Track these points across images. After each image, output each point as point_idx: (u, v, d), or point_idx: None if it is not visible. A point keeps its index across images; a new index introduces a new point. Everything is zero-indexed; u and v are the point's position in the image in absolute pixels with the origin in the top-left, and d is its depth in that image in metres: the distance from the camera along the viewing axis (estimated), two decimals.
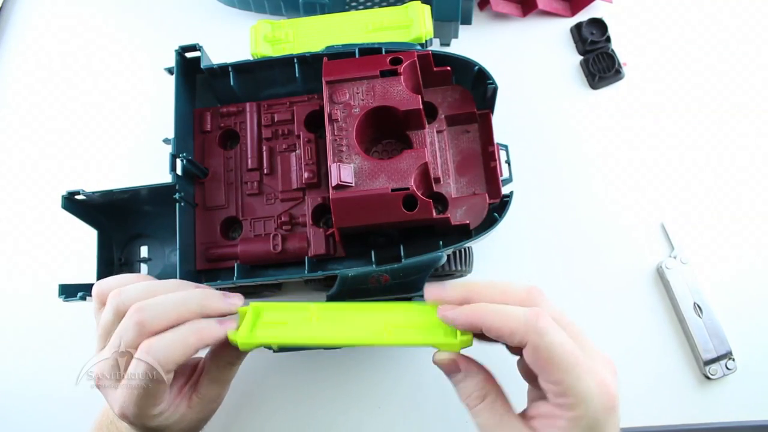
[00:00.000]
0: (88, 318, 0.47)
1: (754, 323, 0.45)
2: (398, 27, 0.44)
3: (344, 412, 0.45)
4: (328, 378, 0.46)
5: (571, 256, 0.47)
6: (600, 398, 0.29)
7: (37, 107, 0.56)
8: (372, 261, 0.39)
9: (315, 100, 0.44)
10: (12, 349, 0.49)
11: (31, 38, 0.58)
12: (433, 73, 0.42)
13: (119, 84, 0.55)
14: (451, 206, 0.41)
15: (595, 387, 0.29)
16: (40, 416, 0.48)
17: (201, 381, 0.37)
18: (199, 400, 0.37)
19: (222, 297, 0.35)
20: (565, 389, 0.29)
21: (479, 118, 0.43)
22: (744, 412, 0.44)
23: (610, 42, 0.52)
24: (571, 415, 0.29)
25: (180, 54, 0.43)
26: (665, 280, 0.46)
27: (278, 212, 0.42)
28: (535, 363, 0.30)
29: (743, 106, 0.51)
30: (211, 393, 0.37)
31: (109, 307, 0.34)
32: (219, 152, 0.44)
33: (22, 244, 0.52)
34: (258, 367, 0.46)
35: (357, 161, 0.38)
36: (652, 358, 0.45)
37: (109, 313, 0.34)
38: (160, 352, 0.32)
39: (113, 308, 0.34)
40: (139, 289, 0.34)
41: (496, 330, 0.30)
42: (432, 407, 0.45)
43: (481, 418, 0.32)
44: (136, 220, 0.44)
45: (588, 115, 0.51)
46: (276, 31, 0.45)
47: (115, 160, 0.53)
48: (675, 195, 0.48)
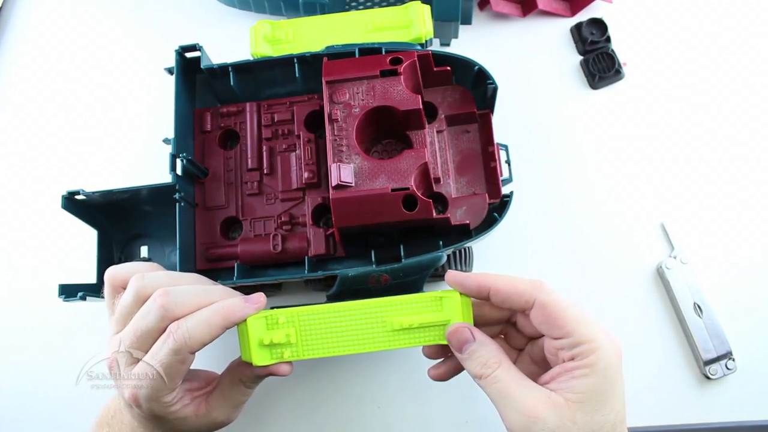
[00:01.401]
0: (88, 318, 0.48)
1: (754, 323, 0.45)
2: (398, 27, 0.44)
3: (344, 412, 0.45)
4: (328, 378, 0.46)
5: (571, 256, 0.47)
6: (610, 346, 0.31)
7: (37, 107, 0.56)
8: (372, 261, 0.39)
9: (315, 100, 0.44)
10: (12, 349, 0.49)
11: (31, 38, 0.58)
12: (433, 73, 0.42)
13: (119, 84, 0.55)
14: (451, 206, 0.41)
15: (603, 334, 0.31)
16: (40, 416, 0.48)
17: (213, 394, 0.37)
18: (206, 413, 0.36)
19: (244, 301, 0.35)
20: (579, 338, 0.30)
21: (479, 118, 0.43)
22: (744, 412, 0.44)
23: (610, 42, 0.52)
24: (588, 362, 0.30)
25: (180, 54, 0.43)
26: (665, 280, 0.46)
27: (278, 212, 0.42)
28: (545, 320, 0.31)
29: (743, 106, 0.51)
30: (219, 408, 0.37)
31: (131, 290, 0.34)
32: (219, 152, 0.44)
33: (22, 244, 0.52)
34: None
35: (357, 161, 0.38)
36: (652, 358, 0.45)
37: (129, 296, 0.34)
38: (188, 331, 0.32)
39: (135, 292, 0.34)
40: (162, 276, 0.35)
41: (504, 292, 0.32)
42: (432, 407, 0.45)
43: (499, 384, 0.32)
44: (136, 220, 0.44)
45: (588, 115, 0.51)
46: (276, 31, 0.45)
47: (115, 160, 0.53)
48: (675, 195, 0.48)
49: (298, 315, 0.35)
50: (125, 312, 0.34)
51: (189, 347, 0.32)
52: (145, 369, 0.33)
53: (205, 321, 0.33)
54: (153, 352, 0.33)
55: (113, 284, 0.36)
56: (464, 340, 0.33)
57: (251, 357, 0.35)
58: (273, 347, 0.35)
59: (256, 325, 0.35)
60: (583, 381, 0.30)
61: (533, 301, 0.32)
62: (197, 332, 0.33)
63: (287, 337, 0.35)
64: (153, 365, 0.32)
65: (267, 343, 0.35)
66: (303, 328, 0.35)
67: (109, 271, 0.36)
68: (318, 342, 0.35)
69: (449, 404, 0.45)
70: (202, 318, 0.33)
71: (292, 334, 0.35)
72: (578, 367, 0.30)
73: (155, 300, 0.33)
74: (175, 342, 0.32)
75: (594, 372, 0.30)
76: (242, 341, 0.36)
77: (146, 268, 0.36)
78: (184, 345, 0.32)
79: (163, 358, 0.32)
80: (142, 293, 0.34)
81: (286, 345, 0.35)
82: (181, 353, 0.32)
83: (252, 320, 0.35)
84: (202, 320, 0.33)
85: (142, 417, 0.35)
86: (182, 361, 0.33)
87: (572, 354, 0.31)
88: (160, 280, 0.34)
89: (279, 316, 0.35)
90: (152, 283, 0.34)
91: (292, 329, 0.35)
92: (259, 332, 0.35)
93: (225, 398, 0.37)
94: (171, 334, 0.32)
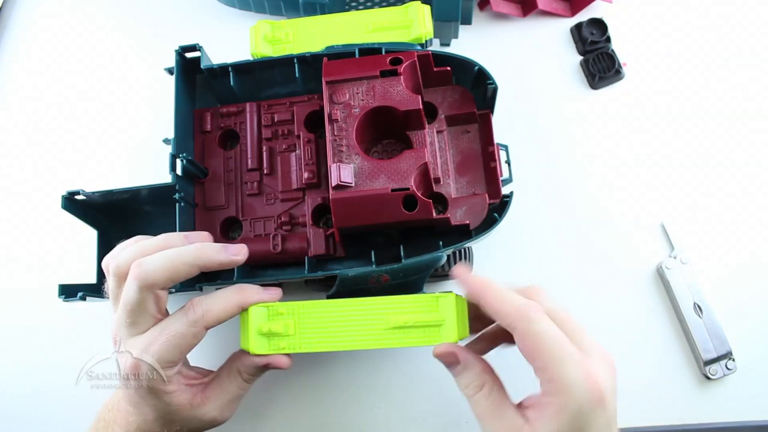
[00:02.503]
0: (88, 318, 0.48)
1: (754, 323, 0.45)
2: (398, 27, 0.44)
3: (344, 412, 0.45)
4: (327, 377, 0.46)
5: (571, 256, 0.47)
6: (585, 389, 0.29)
7: (37, 107, 0.56)
8: (372, 261, 0.39)
9: (315, 100, 0.44)
10: (12, 349, 0.49)
11: (31, 38, 0.58)
12: (433, 73, 0.42)
13: (119, 84, 0.55)
14: (451, 206, 0.41)
15: (580, 376, 0.30)
16: (41, 416, 0.48)
17: (210, 384, 0.38)
18: (201, 403, 0.37)
19: (221, 249, 0.36)
20: (551, 376, 0.30)
21: (479, 118, 0.43)
22: (744, 412, 0.44)
23: (610, 42, 0.52)
24: (557, 402, 0.30)
25: (180, 54, 0.43)
26: (665, 280, 0.46)
27: (278, 212, 0.42)
28: (524, 350, 0.31)
29: (743, 106, 0.51)
30: (214, 401, 0.37)
31: (110, 273, 0.36)
32: (219, 152, 0.44)
33: (22, 244, 0.52)
34: None
35: (357, 161, 0.38)
36: (652, 358, 0.45)
37: (111, 279, 0.36)
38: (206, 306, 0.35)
39: (113, 273, 0.36)
40: (132, 251, 0.35)
41: (491, 308, 0.33)
42: (432, 407, 0.45)
43: (478, 407, 0.33)
44: (136, 220, 0.44)
45: (588, 115, 0.51)
46: (276, 31, 0.45)
47: (115, 160, 0.53)
48: (675, 195, 0.48)
49: (298, 308, 0.37)
50: (113, 294, 0.36)
51: (205, 321, 0.35)
52: (155, 335, 0.34)
53: (223, 299, 0.36)
54: (168, 323, 0.35)
55: (107, 272, 0.37)
56: (449, 363, 0.35)
57: (249, 345, 0.36)
58: (271, 337, 0.36)
59: (258, 313, 0.37)
60: (552, 420, 0.30)
61: (514, 328, 0.31)
62: (215, 308, 0.35)
63: (285, 328, 0.36)
64: (165, 333, 0.34)
65: (265, 332, 0.36)
66: (302, 321, 0.36)
67: (102, 262, 0.38)
68: (315, 336, 0.36)
69: (449, 404, 0.45)
70: (221, 296, 0.36)
71: (290, 326, 0.36)
72: (548, 405, 0.30)
73: (131, 273, 0.34)
74: (194, 313, 0.35)
75: (562, 413, 0.29)
76: (243, 329, 0.37)
77: (130, 243, 0.37)
78: (201, 318, 0.35)
79: (179, 328, 0.34)
80: (119, 272, 0.35)
81: (284, 336, 0.36)
82: (197, 325, 0.34)
83: (254, 308, 0.36)
84: (221, 298, 0.36)
85: (136, 396, 0.35)
86: (195, 335, 0.35)
87: (544, 390, 0.30)
88: (131, 255, 0.35)
89: (280, 307, 0.37)
90: (125, 260, 0.35)
91: (291, 321, 0.36)
92: (260, 321, 0.36)
93: (222, 389, 0.37)
94: (192, 306, 0.35)
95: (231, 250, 0.37)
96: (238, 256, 0.37)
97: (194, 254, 0.35)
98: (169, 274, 0.34)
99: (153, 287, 0.34)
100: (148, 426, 0.36)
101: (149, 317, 0.35)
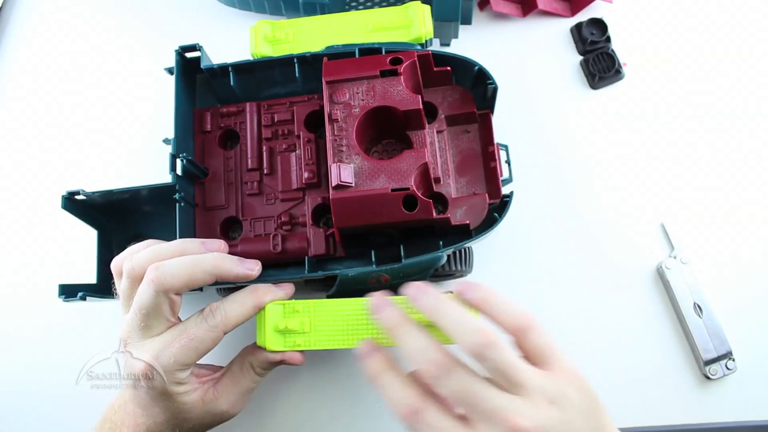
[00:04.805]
0: (88, 318, 0.48)
1: (754, 323, 0.45)
2: (398, 27, 0.44)
3: (344, 412, 0.45)
4: (327, 377, 0.46)
5: (571, 256, 0.47)
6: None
7: (37, 107, 0.56)
8: (372, 261, 0.39)
9: (315, 100, 0.44)
10: (12, 349, 0.49)
11: (31, 38, 0.58)
12: (433, 73, 0.42)
13: (119, 84, 0.55)
14: (451, 206, 0.41)
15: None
16: (41, 416, 0.48)
17: (222, 379, 0.38)
18: (213, 398, 0.37)
19: (239, 261, 0.37)
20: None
21: (479, 118, 0.43)
22: (744, 412, 0.44)
23: (610, 42, 0.52)
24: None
25: (180, 54, 0.43)
26: (665, 280, 0.46)
27: (278, 212, 0.42)
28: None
29: (744, 106, 0.51)
30: (226, 395, 0.38)
31: (124, 275, 0.36)
32: (219, 152, 0.44)
33: (22, 244, 0.52)
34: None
35: (357, 161, 0.38)
36: (652, 358, 0.45)
37: (125, 281, 0.36)
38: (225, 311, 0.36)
39: (127, 275, 0.36)
40: (148, 254, 0.36)
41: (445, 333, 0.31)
42: None
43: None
44: (136, 220, 0.44)
45: (588, 115, 0.51)
46: (276, 31, 0.45)
47: (115, 160, 0.53)
48: (675, 195, 0.48)
49: (314, 306, 0.37)
50: (125, 295, 0.36)
51: (224, 326, 0.36)
52: (170, 338, 0.34)
53: (240, 302, 0.37)
54: (187, 327, 0.35)
55: (118, 272, 0.37)
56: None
57: (265, 341, 0.37)
58: (287, 334, 0.37)
59: (274, 310, 0.37)
60: None
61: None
62: (232, 312, 0.36)
63: (301, 325, 0.37)
64: (184, 336, 0.34)
65: (282, 329, 0.37)
66: (317, 319, 0.37)
67: (112, 262, 0.38)
68: (330, 333, 0.37)
69: None
70: (238, 300, 0.37)
71: (306, 323, 0.37)
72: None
73: (148, 276, 0.34)
74: (214, 318, 0.35)
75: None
76: (259, 325, 0.38)
77: (142, 246, 0.37)
78: (221, 323, 0.35)
79: (198, 332, 0.35)
80: (134, 275, 0.35)
81: (300, 333, 0.37)
82: (216, 330, 0.35)
83: (271, 306, 0.37)
84: (238, 302, 0.37)
85: (147, 399, 0.35)
86: (214, 340, 0.35)
87: None
88: (149, 257, 0.35)
89: (296, 305, 0.37)
90: (141, 262, 0.35)
91: (307, 318, 0.37)
92: (276, 318, 0.37)
93: (234, 383, 0.38)
94: (210, 312, 0.36)
95: (247, 264, 0.37)
96: (253, 271, 0.37)
97: (213, 263, 0.35)
98: (186, 279, 0.34)
99: (169, 291, 0.34)
100: (158, 428, 0.36)
101: (163, 321, 0.35)
